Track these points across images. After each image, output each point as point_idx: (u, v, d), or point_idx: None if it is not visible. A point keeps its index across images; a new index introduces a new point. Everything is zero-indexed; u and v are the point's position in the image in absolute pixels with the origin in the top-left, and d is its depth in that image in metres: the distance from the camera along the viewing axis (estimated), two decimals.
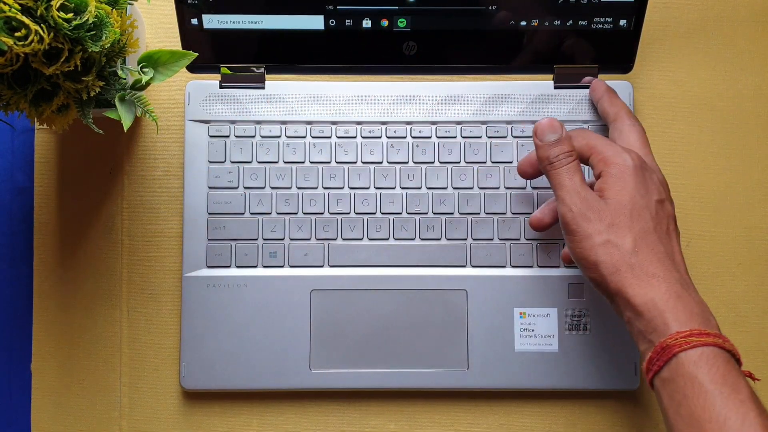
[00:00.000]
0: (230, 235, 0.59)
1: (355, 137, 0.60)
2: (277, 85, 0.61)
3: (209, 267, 0.59)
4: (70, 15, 0.45)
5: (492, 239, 0.60)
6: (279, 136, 0.60)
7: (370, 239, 0.60)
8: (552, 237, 0.59)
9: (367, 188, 0.60)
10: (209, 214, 0.60)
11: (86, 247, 0.61)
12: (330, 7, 0.57)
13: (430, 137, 0.61)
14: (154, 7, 0.62)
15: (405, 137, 0.61)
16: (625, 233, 0.48)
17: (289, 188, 0.60)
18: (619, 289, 0.48)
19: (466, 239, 0.60)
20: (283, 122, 0.61)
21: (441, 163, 0.60)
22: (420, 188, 0.60)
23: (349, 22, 0.58)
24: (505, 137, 0.60)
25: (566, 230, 0.50)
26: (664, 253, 0.48)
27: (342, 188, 0.60)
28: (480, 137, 0.61)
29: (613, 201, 0.49)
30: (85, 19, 0.45)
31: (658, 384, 0.46)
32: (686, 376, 0.44)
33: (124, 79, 0.51)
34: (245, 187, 0.60)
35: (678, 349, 0.44)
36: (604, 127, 0.60)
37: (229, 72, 0.60)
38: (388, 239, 0.60)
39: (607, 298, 0.50)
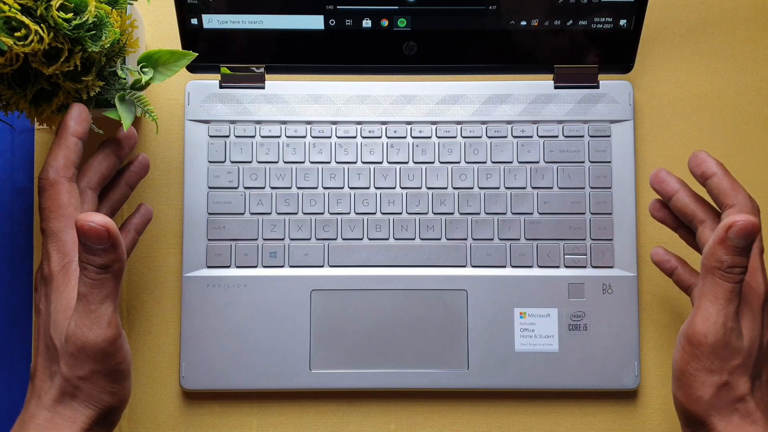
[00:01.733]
0: (230, 235, 0.59)
1: (355, 137, 0.60)
2: (277, 85, 0.61)
3: (209, 267, 0.59)
4: (70, 15, 0.45)
5: (492, 239, 0.60)
6: (279, 136, 0.60)
7: (370, 239, 0.60)
8: (552, 237, 0.59)
9: (367, 188, 0.60)
10: (209, 214, 0.60)
11: None
12: (330, 6, 0.57)
13: (430, 137, 0.61)
14: (154, 7, 0.62)
15: (405, 137, 0.61)
16: (745, 379, 0.46)
17: (289, 188, 0.60)
18: (711, 428, 0.46)
19: (466, 239, 0.60)
20: (283, 122, 0.60)
21: (441, 163, 0.60)
22: (420, 188, 0.60)
23: (349, 22, 0.58)
24: (505, 137, 0.60)
25: (689, 349, 0.47)
26: (764, 399, 0.47)
27: (342, 188, 0.60)
28: (480, 137, 0.60)
29: (747, 341, 0.47)
30: (84, 19, 0.45)
31: None
32: None
33: (124, 79, 0.51)
34: (245, 187, 0.60)
35: None
36: (607, 127, 0.60)
37: (229, 72, 0.60)
38: (388, 239, 0.60)
39: (682, 421, 0.49)
